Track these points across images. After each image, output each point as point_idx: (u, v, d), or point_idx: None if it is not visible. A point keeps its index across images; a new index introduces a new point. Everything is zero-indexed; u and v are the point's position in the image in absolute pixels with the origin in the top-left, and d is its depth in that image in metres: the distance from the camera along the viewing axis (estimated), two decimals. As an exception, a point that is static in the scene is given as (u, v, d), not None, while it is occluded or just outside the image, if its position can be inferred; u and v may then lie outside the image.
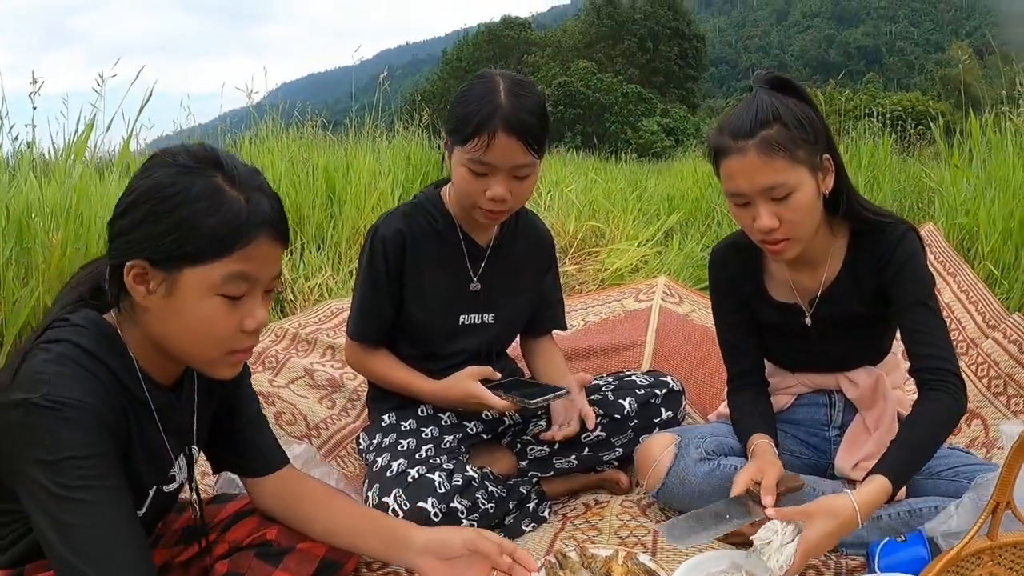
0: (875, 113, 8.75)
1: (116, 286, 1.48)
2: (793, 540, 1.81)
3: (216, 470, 1.91)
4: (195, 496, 1.75)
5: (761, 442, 2.18)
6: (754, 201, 2.01)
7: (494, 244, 2.52)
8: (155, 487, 1.62)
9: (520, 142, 2.19)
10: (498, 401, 2.30)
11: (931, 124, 5.89)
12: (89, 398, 1.37)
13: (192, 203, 1.40)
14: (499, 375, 2.41)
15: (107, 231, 1.49)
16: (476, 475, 2.30)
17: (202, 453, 1.83)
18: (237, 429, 1.80)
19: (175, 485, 1.70)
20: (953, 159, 5.29)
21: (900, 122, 9.71)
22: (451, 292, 2.48)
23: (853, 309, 2.22)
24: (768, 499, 1.94)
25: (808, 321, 2.26)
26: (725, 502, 2.01)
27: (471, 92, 2.25)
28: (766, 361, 2.44)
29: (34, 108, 3.85)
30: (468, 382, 2.35)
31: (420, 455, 2.32)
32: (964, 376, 2.11)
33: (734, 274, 2.35)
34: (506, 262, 2.54)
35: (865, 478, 1.92)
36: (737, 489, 2.00)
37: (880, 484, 1.87)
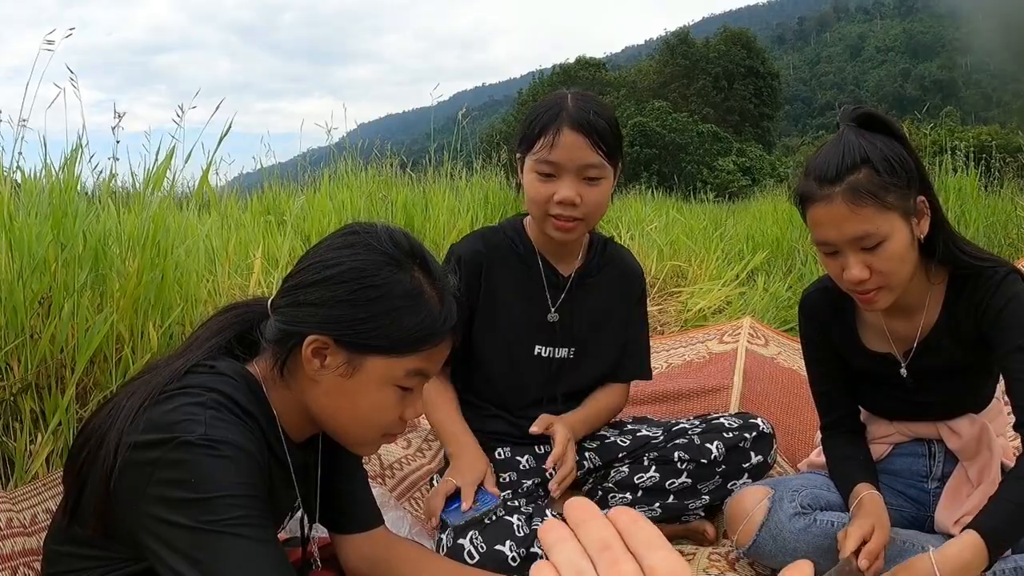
0: (955, 148, 8.54)
1: (285, 349, 1.48)
2: None
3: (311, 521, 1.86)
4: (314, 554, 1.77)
5: (868, 493, 2.05)
6: (843, 250, 1.90)
7: (577, 274, 2.44)
8: None
9: (586, 139, 2.17)
10: (433, 506, 2.19)
11: (1015, 156, 5.69)
12: (246, 442, 1.37)
13: (397, 298, 1.43)
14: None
15: (283, 291, 1.51)
16: (556, 519, 2.20)
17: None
18: (339, 484, 1.77)
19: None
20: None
21: (984, 156, 9.47)
22: (525, 320, 2.41)
23: (952, 359, 2.08)
24: (864, 563, 1.84)
25: (904, 372, 2.13)
26: (834, 570, 1.88)
27: (540, 104, 2.28)
28: (861, 408, 2.31)
29: (116, 142, 3.90)
30: (467, 475, 2.22)
31: (498, 498, 2.24)
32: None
33: (825, 321, 2.24)
34: (590, 294, 2.46)
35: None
36: (848, 549, 1.88)
37: (970, 541, 1.76)
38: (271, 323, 1.50)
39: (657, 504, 2.44)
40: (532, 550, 2.09)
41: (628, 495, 2.43)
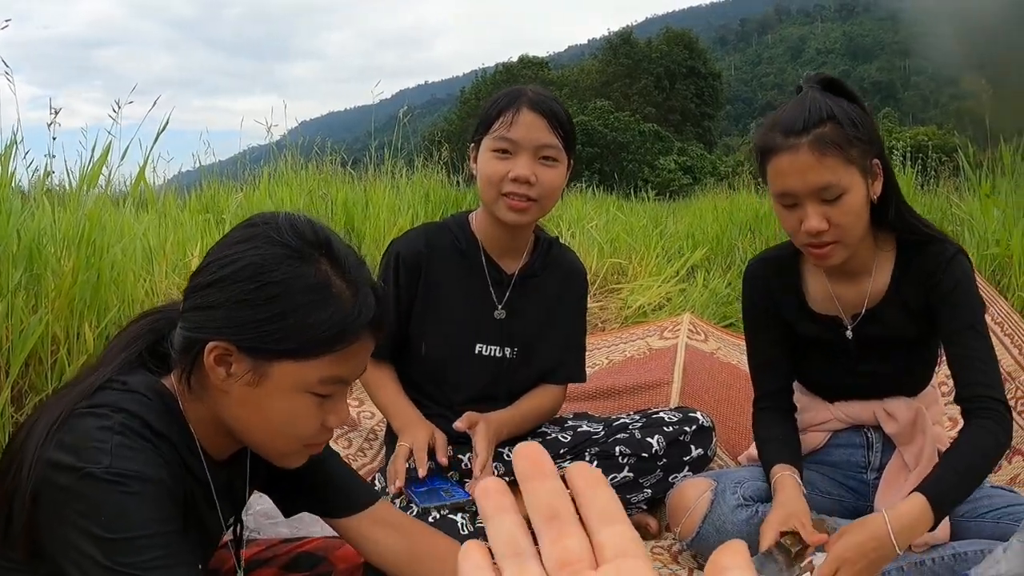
0: (893, 148, 8.69)
1: (189, 359, 1.34)
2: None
3: (288, 514, 1.75)
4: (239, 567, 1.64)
5: (783, 475, 2.07)
6: (802, 202, 1.94)
7: (522, 273, 2.44)
8: (200, 565, 1.52)
9: (545, 120, 2.22)
10: (396, 469, 2.19)
11: (951, 156, 5.82)
12: (156, 472, 1.26)
13: (299, 295, 1.28)
14: (444, 461, 2.25)
15: (185, 294, 1.37)
16: (496, 479, 2.19)
17: (263, 495, 1.73)
18: (313, 477, 1.63)
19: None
20: (983, 188, 5.21)
21: (921, 156, 9.65)
22: (471, 317, 2.40)
23: (897, 329, 2.13)
24: (816, 539, 1.86)
25: (850, 334, 2.16)
26: (758, 558, 1.90)
27: (497, 94, 2.33)
28: (800, 394, 2.34)
29: (53, 138, 3.83)
30: (418, 435, 2.24)
31: (440, 497, 2.23)
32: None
33: (771, 287, 2.26)
34: (535, 293, 2.46)
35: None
36: (766, 543, 1.89)
37: (917, 500, 1.81)
38: (178, 330, 1.37)
39: None
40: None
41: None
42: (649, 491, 2.47)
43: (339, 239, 1.39)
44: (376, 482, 2.44)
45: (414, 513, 2.13)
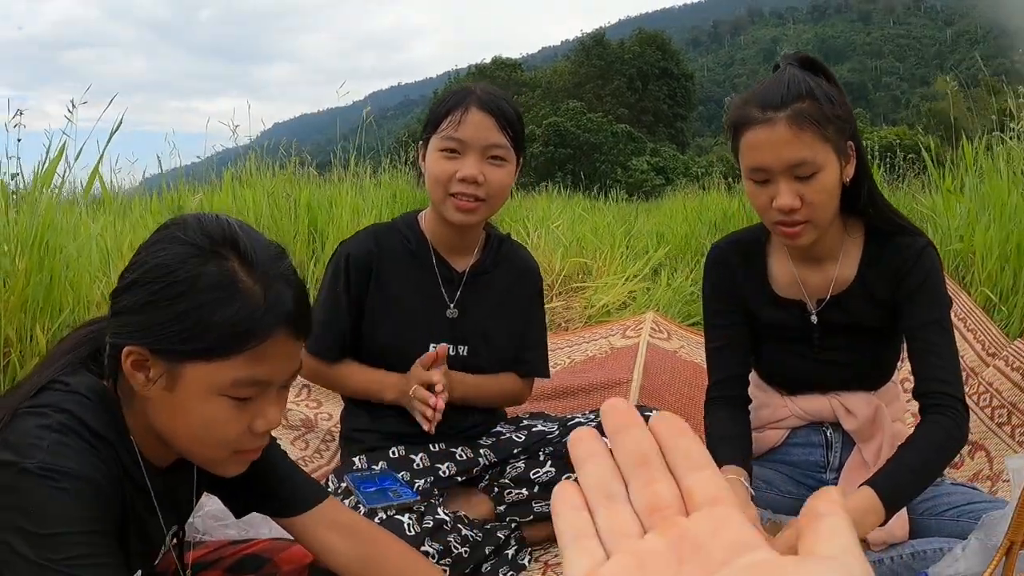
0: (865, 148, 8.75)
1: (115, 365, 1.32)
2: None
3: (238, 514, 1.72)
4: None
5: (727, 479, 2.01)
6: (775, 178, 1.88)
7: (472, 271, 2.41)
8: (140, 570, 1.47)
9: (493, 120, 2.20)
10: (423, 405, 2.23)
11: (920, 155, 5.86)
12: (90, 472, 1.23)
13: (202, 293, 1.24)
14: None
15: (111, 299, 1.35)
16: (449, 518, 2.17)
17: (212, 496, 1.69)
18: (255, 474, 1.56)
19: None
20: (946, 184, 5.23)
21: (889, 155, 9.75)
22: (423, 317, 2.36)
23: (861, 318, 2.09)
24: None
25: (814, 319, 2.12)
26: None
27: (446, 93, 2.32)
28: (757, 390, 2.29)
29: (19, 140, 3.78)
30: (419, 374, 2.26)
31: (391, 498, 2.19)
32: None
33: (734, 269, 2.20)
34: (487, 291, 2.43)
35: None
36: None
37: (867, 493, 1.76)
38: (108, 337, 1.34)
39: None
40: (423, 549, 2.05)
41: (524, 491, 2.40)
42: None
43: (253, 235, 1.33)
44: (329, 484, 2.39)
45: (362, 513, 2.10)
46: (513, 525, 2.39)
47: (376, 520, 2.07)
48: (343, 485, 2.29)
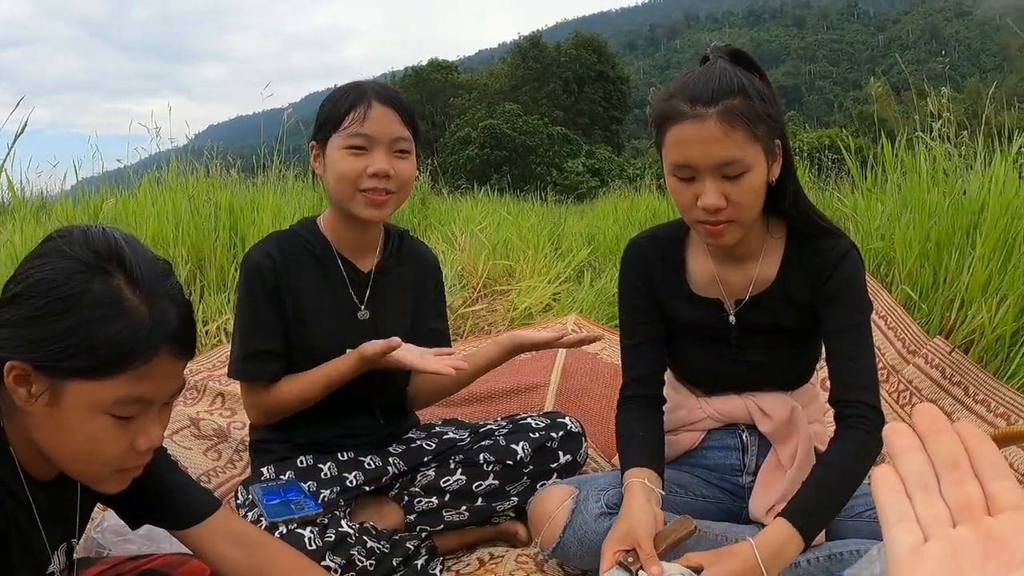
0: (795, 149, 8.90)
1: None
2: None
3: (134, 527, 1.70)
4: None
5: (632, 482, 1.95)
6: (702, 176, 1.81)
7: (377, 270, 2.36)
8: None
9: (396, 113, 2.18)
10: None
11: (845, 153, 5.93)
12: None
13: (87, 309, 1.22)
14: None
15: None
16: (352, 531, 2.12)
17: (111, 511, 1.66)
18: (143, 486, 1.54)
19: None
20: (866, 183, 5.29)
21: (819, 156, 9.91)
22: (336, 321, 2.31)
23: (780, 318, 2.06)
24: (655, 570, 1.73)
25: (732, 319, 2.09)
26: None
27: (338, 91, 2.25)
28: (673, 391, 2.27)
29: (-65, 143, 3.66)
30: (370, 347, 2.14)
31: (293, 510, 2.13)
32: (885, 404, 1.98)
33: (652, 266, 2.15)
34: (392, 288, 2.39)
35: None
36: (606, 565, 1.79)
37: (783, 527, 1.74)
38: None
39: (464, 507, 2.37)
40: (324, 563, 2.00)
41: (435, 499, 2.36)
42: (516, 499, 2.40)
43: (139, 251, 1.31)
44: (239, 495, 2.33)
45: (263, 527, 2.06)
46: (423, 534, 2.34)
47: (276, 534, 2.03)
48: (249, 497, 2.23)
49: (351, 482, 2.30)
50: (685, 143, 1.81)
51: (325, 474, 2.29)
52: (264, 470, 2.32)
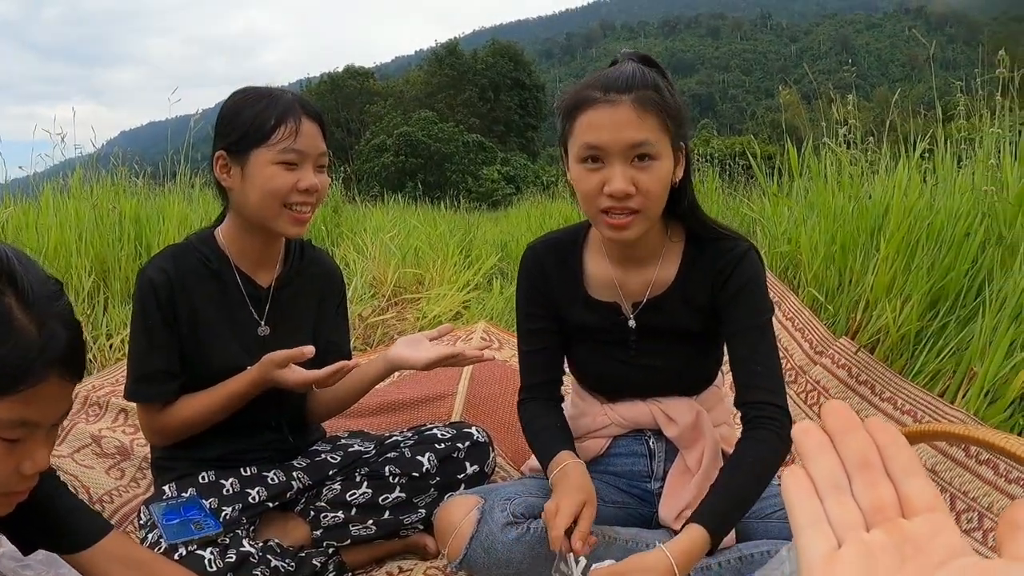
0: (707, 156, 9.04)
1: None
2: None
3: (26, 552, 1.63)
4: None
5: (572, 462, 1.96)
6: (611, 160, 1.82)
7: (277, 284, 2.31)
8: None
9: (318, 127, 2.17)
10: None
11: (752, 160, 6.04)
12: None
13: None
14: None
15: None
16: (255, 550, 2.07)
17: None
18: (32, 510, 1.50)
19: None
20: (771, 188, 5.39)
21: (728, 162, 10.10)
22: (234, 339, 2.25)
23: (679, 321, 2.07)
24: (579, 544, 1.75)
25: (632, 323, 2.09)
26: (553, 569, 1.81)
27: (251, 97, 2.15)
28: (577, 398, 2.27)
29: None
30: (277, 373, 2.11)
31: (194, 529, 2.07)
32: (794, 404, 2.00)
33: (548, 272, 2.15)
34: (293, 302, 2.34)
35: (684, 527, 1.78)
36: (560, 527, 1.78)
37: (696, 533, 1.74)
38: None
39: (371, 521, 2.33)
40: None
41: (341, 513, 2.32)
42: (424, 511, 2.38)
43: (31, 270, 1.25)
44: (141, 515, 2.25)
45: (161, 549, 2.00)
46: (331, 550, 2.31)
47: (176, 557, 1.97)
48: (152, 517, 2.16)
49: (254, 498, 2.24)
50: (597, 126, 1.82)
51: (227, 490, 2.24)
52: (166, 488, 2.25)
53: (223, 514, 2.16)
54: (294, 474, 2.35)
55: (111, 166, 7.15)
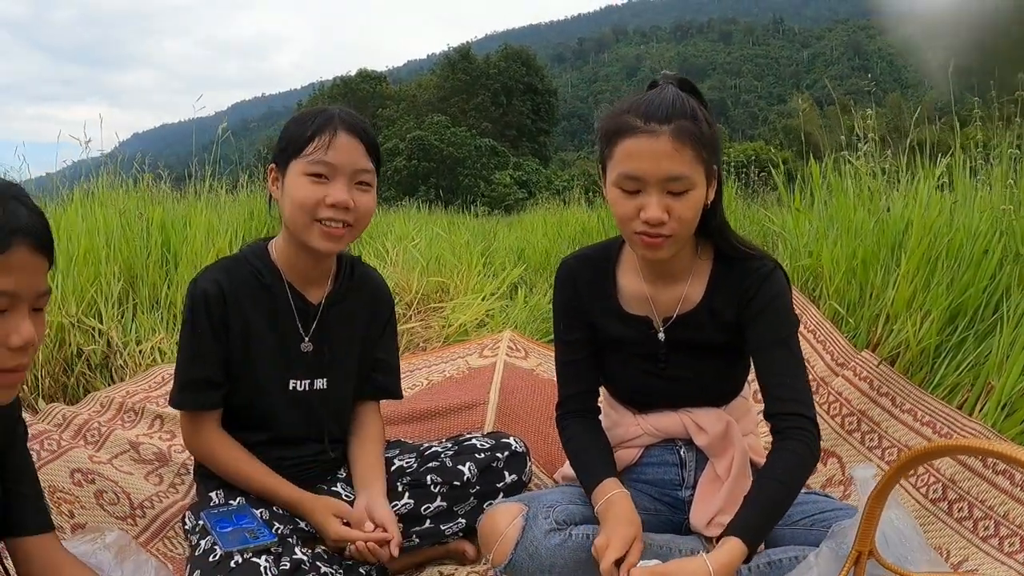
0: (723, 163, 9.04)
1: None
2: None
3: None
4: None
5: (618, 492, 2.05)
6: (648, 189, 1.92)
7: (327, 301, 2.36)
8: None
9: (360, 143, 2.17)
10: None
11: (772, 170, 6.06)
12: None
13: None
14: (364, 532, 2.21)
15: None
16: (306, 557, 2.13)
17: None
18: (8, 483, 1.63)
19: None
20: (795, 203, 5.42)
21: (744, 170, 10.05)
22: (280, 353, 2.30)
23: (708, 336, 2.15)
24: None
25: (662, 336, 2.18)
26: None
27: (303, 114, 2.23)
28: (609, 409, 2.34)
29: None
30: (329, 518, 2.23)
31: (246, 537, 2.13)
32: (818, 416, 2.07)
33: (583, 286, 2.24)
34: (341, 320, 2.38)
35: (720, 537, 1.85)
36: (609, 560, 1.86)
37: (735, 545, 1.80)
38: None
39: (413, 532, 2.38)
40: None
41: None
42: (464, 520, 2.43)
43: None
44: (186, 521, 2.32)
45: (217, 556, 2.05)
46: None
47: (232, 563, 2.02)
48: (200, 523, 2.20)
49: (305, 524, 2.29)
50: (636, 155, 1.92)
51: (277, 507, 2.29)
52: (212, 495, 2.31)
53: (275, 527, 2.21)
54: (338, 486, 2.42)
55: (131, 169, 7.19)
